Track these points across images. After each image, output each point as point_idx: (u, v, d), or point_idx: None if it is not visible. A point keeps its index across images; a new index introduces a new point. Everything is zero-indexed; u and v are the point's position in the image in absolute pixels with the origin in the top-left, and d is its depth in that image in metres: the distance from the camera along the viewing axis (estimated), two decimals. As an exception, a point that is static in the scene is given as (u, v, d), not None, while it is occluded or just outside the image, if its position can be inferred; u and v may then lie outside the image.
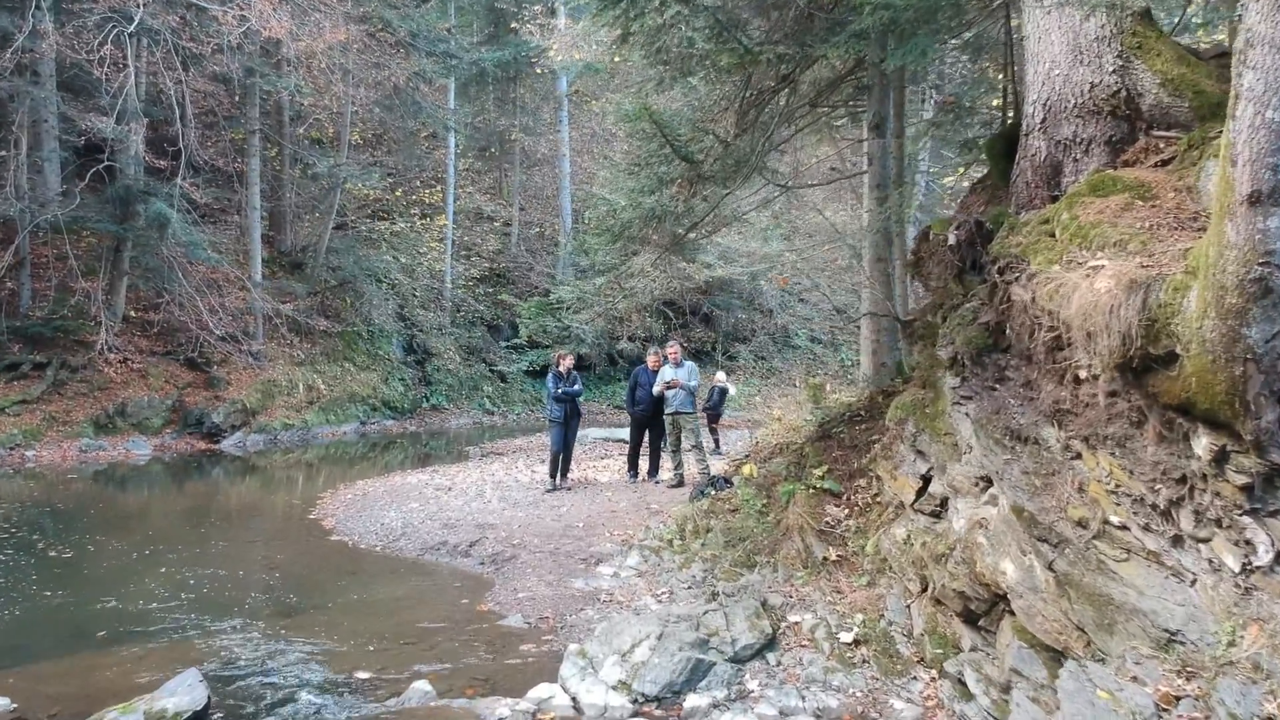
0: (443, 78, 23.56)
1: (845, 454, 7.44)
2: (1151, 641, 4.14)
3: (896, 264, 8.28)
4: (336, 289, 22.70)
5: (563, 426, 11.41)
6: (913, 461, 6.01)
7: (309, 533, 10.35)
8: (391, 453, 19.28)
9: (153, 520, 11.68)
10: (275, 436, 19.54)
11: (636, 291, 7.98)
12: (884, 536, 6.27)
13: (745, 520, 8.02)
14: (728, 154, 6.50)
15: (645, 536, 8.80)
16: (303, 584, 8.24)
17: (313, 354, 21.70)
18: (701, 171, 6.58)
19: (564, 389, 11.37)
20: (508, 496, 11.10)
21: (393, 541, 9.54)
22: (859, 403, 7.88)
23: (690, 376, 11.20)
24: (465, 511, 10.34)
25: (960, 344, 5.36)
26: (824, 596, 6.17)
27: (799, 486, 7.24)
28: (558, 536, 9.11)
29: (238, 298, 20.22)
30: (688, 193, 6.72)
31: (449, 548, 9.09)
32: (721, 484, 9.89)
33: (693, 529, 8.49)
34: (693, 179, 6.65)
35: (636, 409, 11.79)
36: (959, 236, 5.41)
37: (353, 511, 11.00)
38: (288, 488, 14.20)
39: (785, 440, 10.89)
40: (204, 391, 19.44)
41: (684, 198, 6.78)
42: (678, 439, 11.30)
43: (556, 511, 10.18)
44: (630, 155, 7.26)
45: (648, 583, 7.53)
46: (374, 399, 22.48)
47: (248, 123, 20.59)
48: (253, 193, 20.40)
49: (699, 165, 6.50)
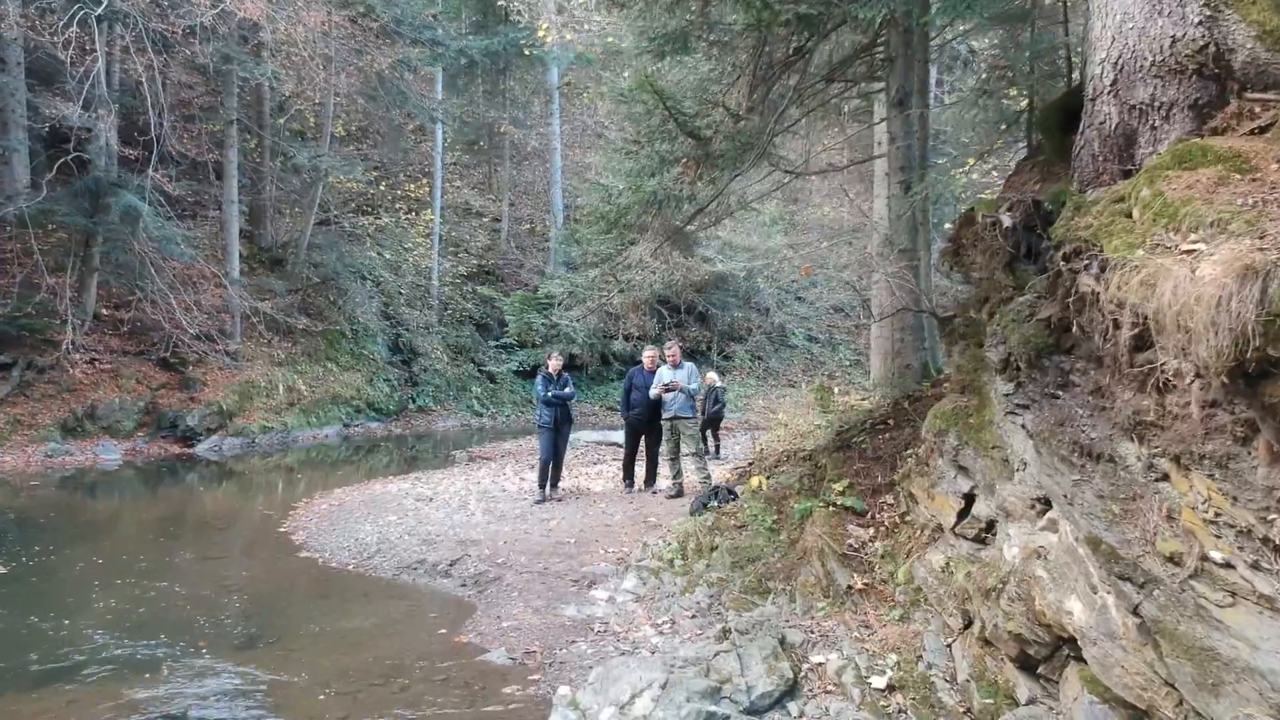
0: (429, 66, 22.69)
1: (867, 466, 6.68)
2: (1273, 709, 3.39)
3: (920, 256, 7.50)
4: (319, 286, 21.85)
5: (553, 432, 10.62)
6: (953, 479, 5.23)
7: (277, 548, 9.53)
8: (375, 457, 18.46)
9: (113, 531, 10.87)
10: (253, 440, 18.70)
11: (634, 285, 7.21)
12: (918, 563, 5.51)
13: (754, 539, 7.25)
14: (739, 131, 5.72)
15: (643, 555, 8.02)
16: (264, 609, 7.44)
17: (293, 354, 20.85)
18: (709, 150, 5.81)
19: (554, 392, 10.58)
20: (493, 508, 10.29)
21: (366, 559, 8.73)
22: (881, 409, 7.12)
23: (690, 378, 10.42)
24: (447, 525, 9.54)
25: (1015, 344, 4.59)
26: (850, 632, 5.39)
27: (816, 504, 6.47)
28: (547, 554, 8.32)
29: (214, 295, 19.36)
30: (694, 174, 5.95)
31: (427, 567, 8.30)
32: (725, 495, 9.11)
33: (695, 547, 7.71)
34: (699, 159, 5.88)
35: (632, 413, 11.00)
36: (1013, 219, 4.64)
37: (326, 524, 10.19)
38: (261, 496, 13.37)
39: (792, 447, 10.13)
40: (178, 393, 18.58)
41: (690, 179, 6.01)
42: (676, 446, 10.51)
43: (546, 525, 9.39)
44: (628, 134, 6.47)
45: (647, 610, 6.75)
46: (358, 400, 21.65)
47: (225, 113, 19.74)
48: (230, 186, 19.54)
49: (707, 143, 5.73)
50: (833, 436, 7.18)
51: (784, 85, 6.81)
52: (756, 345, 28.40)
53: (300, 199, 22.16)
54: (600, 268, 7.73)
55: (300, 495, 12.66)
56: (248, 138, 21.75)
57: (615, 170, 6.99)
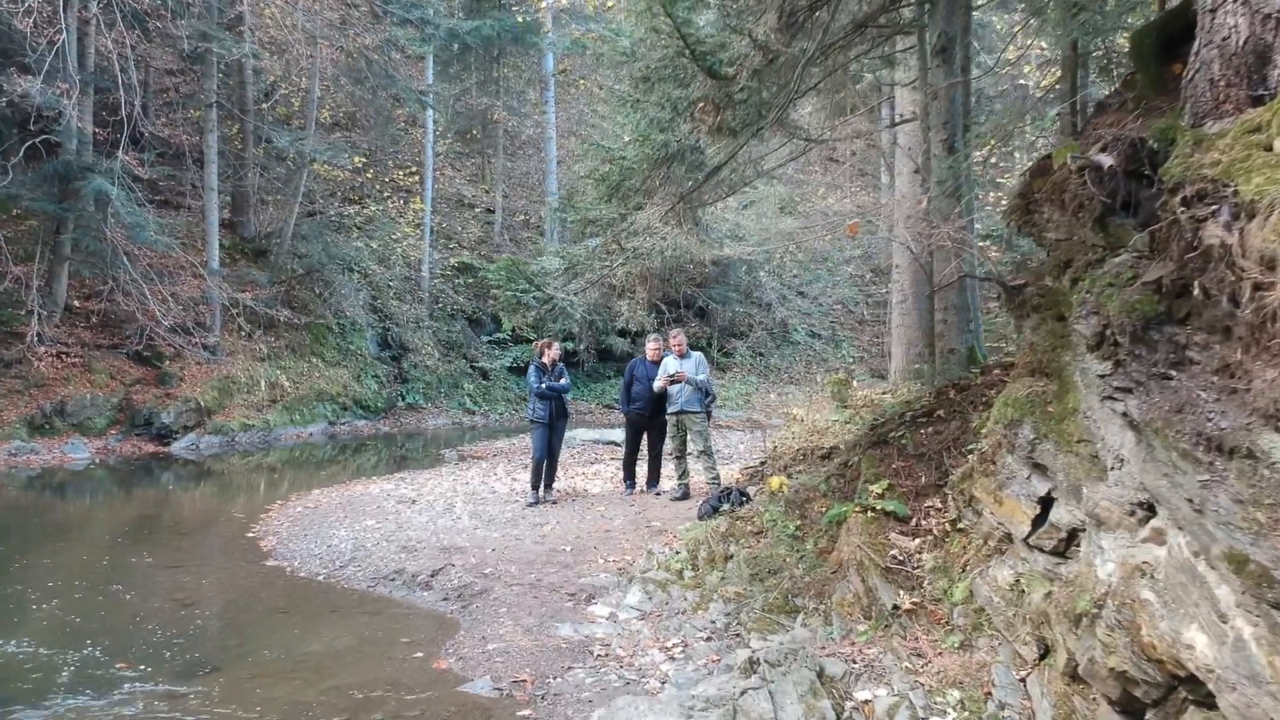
0: (417, 47, 21.75)
1: (908, 465, 5.81)
2: None
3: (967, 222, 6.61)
4: (303, 278, 20.92)
5: (547, 428, 9.74)
6: (1026, 479, 4.36)
7: (243, 555, 8.64)
8: (363, 456, 17.56)
9: (72, 533, 9.99)
10: (233, 438, 17.77)
11: (641, 253, 6.37)
12: (980, 579, 4.64)
13: (775, 547, 6.38)
14: (769, 68, 4.82)
15: (648, 565, 7.15)
16: (219, 627, 6.55)
17: (276, 348, 19.92)
18: (731, 92, 4.92)
19: (549, 384, 9.70)
20: (481, 512, 9.40)
21: (339, 568, 7.85)
22: (922, 400, 6.24)
23: (698, 369, 9.53)
24: (430, 531, 8.65)
25: (1113, 314, 3.73)
26: (901, 662, 4.52)
27: (851, 508, 5.60)
28: (540, 564, 7.44)
29: (192, 286, 18.43)
30: (712, 120, 5.07)
31: (406, 578, 7.41)
32: (736, 498, 8.25)
33: (707, 557, 6.84)
34: (719, 102, 5.00)
35: (633, 408, 10.10)
36: (1114, 161, 3.77)
37: (298, 530, 9.30)
38: (234, 498, 12.46)
39: (809, 444, 9.28)
40: (154, 389, 17.66)
41: (707, 126, 5.13)
42: (683, 443, 9.63)
43: (539, 531, 8.50)
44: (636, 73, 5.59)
45: (654, 629, 5.87)
46: (344, 397, 20.71)
47: (204, 95, 18.82)
48: (209, 172, 18.62)
49: (728, 83, 4.85)
50: (866, 431, 6.29)
51: (809, 32, 5.94)
52: (758, 341, 27.55)
53: (284, 187, 21.24)
54: (602, 234, 6.85)
55: (278, 496, 11.76)
56: (229, 124, 20.83)
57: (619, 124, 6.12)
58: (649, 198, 6.14)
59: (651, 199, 6.11)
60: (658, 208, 6.06)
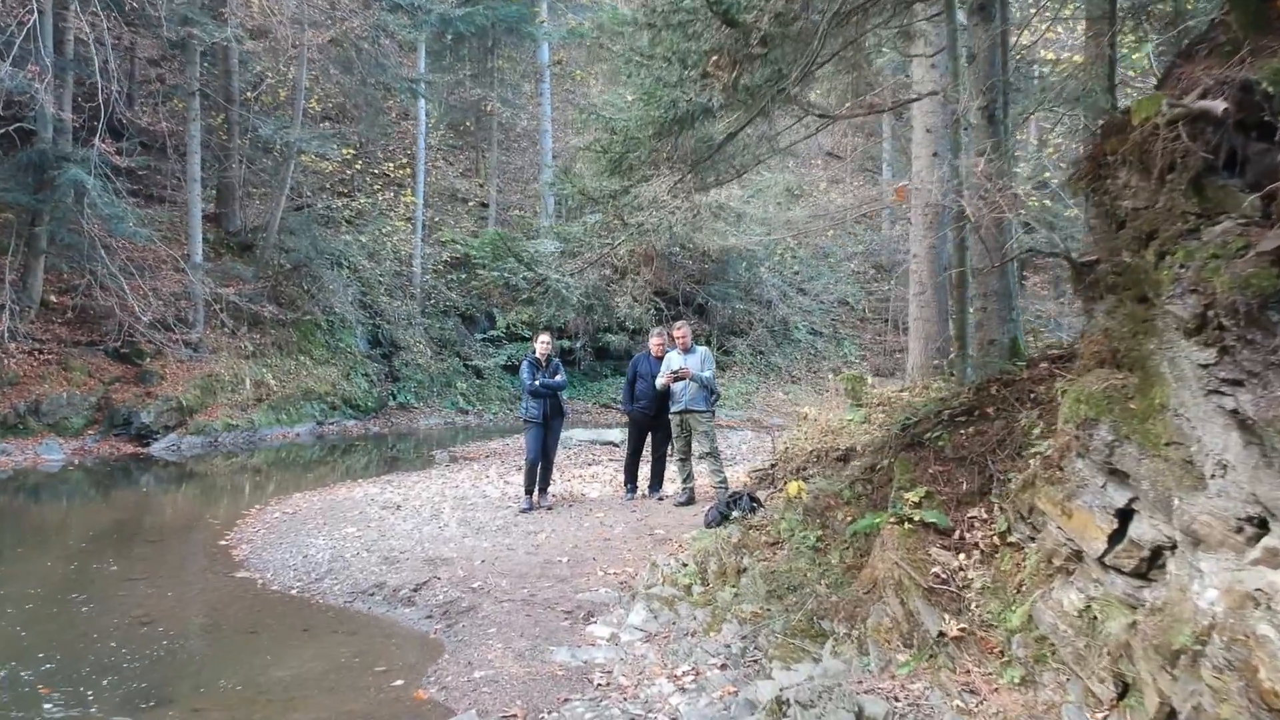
0: (409, 34, 21.06)
1: (947, 470, 5.17)
2: None
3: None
4: (290, 273, 20.24)
5: (541, 428, 9.10)
6: (1101, 488, 3.73)
7: (213, 565, 7.99)
8: (351, 457, 16.90)
9: (35, 540, 9.33)
10: (215, 439, 17.10)
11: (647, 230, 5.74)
12: (1043, 603, 4.01)
13: (794, 560, 5.76)
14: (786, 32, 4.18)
15: (652, 578, 6.51)
16: (177, 649, 5.91)
17: (263, 345, 19.24)
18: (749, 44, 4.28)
19: (542, 380, 9.06)
20: (471, 519, 8.74)
21: (315, 581, 7.20)
22: (960, 397, 5.61)
23: (704, 365, 8.89)
24: (414, 539, 7.99)
25: (1223, 290, 3.10)
26: (951, 699, 3.89)
27: (884, 519, 4.97)
28: (534, 577, 6.80)
29: (173, 281, 17.76)
30: (728, 75, 4.43)
31: (387, 592, 6.76)
32: (746, 504, 7.62)
33: (718, 570, 6.20)
34: (736, 55, 4.36)
35: (636, 406, 9.45)
36: (1228, 106, 3.14)
37: (274, 537, 8.66)
38: (212, 502, 11.79)
39: (822, 445, 8.65)
40: (134, 387, 16.96)
41: (723, 81, 4.48)
42: (687, 444, 8.99)
43: (533, 540, 7.86)
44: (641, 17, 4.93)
45: (661, 654, 5.24)
46: (333, 396, 20.03)
47: (186, 83, 18.13)
48: (192, 163, 17.94)
49: (746, 32, 4.22)
50: (897, 432, 5.66)
51: None
52: (758, 339, 26.91)
53: (271, 180, 20.55)
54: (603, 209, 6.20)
55: (256, 500, 11.12)
56: (214, 114, 20.15)
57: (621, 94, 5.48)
58: (655, 169, 5.51)
59: (657, 170, 5.48)
60: (665, 180, 5.44)
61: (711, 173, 5.62)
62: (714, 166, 5.54)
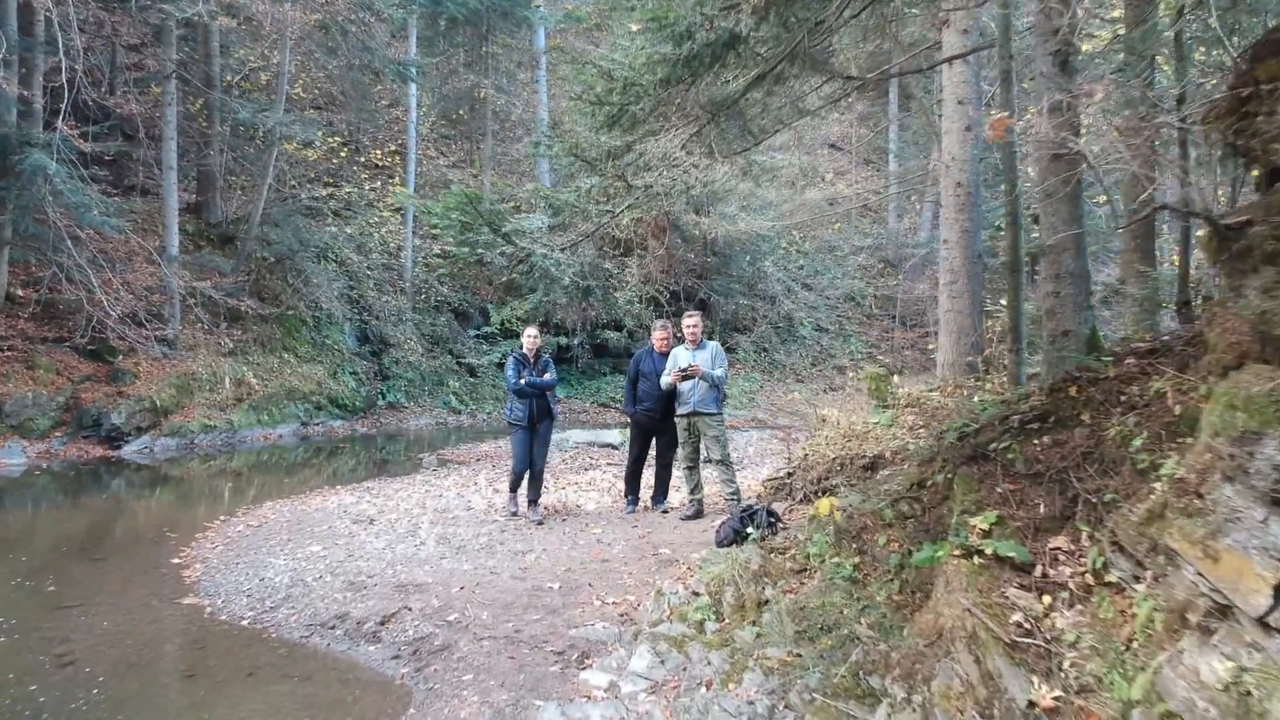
0: (397, 13, 20.08)
1: (1019, 488, 4.24)
2: None
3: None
4: (274, 266, 19.28)
5: (527, 432, 8.18)
6: (1261, 523, 2.81)
7: (160, 589, 7.06)
8: (338, 460, 15.95)
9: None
10: (191, 441, 16.15)
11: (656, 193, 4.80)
12: (1172, 671, 3.08)
13: (827, 594, 4.84)
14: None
15: (657, 610, 5.58)
16: (98, 698, 4.98)
17: (243, 342, 18.29)
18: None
19: (529, 379, 8.13)
20: (451, 535, 7.79)
21: (269, 610, 6.27)
22: (1030, 400, 4.67)
23: (715, 361, 7.96)
24: (385, 561, 7.05)
25: None
26: (1055, 800, 2.97)
27: (946, 549, 4.04)
28: (520, 608, 5.86)
29: (148, 274, 16.82)
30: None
31: (349, 625, 5.83)
32: (763, 519, 6.70)
33: (735, 602, 5.28)
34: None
35: (640, 409, 8.51)
36: None
37: (232, 555, 7.72)
38: (176, 511, 10.85)
39: (846, 452, 7.73)
40: (105, 386, 16.01)
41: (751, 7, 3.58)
42: (696, 451, 8.05)
43: (520, 561, 6.91)
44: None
45: (669, 711, 4.32)
46: (318, 396, 19.08)
47: (162, 65, 17.17)
48: (167, 149, 16.98)
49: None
50: (954, 441, 4.72)
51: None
52: (762, 336, 26.01)
53: (253, 168, 19.59)
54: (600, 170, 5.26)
55: (224, 510, 10.18)
56: (193, 100, 19.19)
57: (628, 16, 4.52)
58: (664, 121, 4.60)
59: (667, 122, 4.57)
60: (679, 132, 4.53)
61: (735, 124, 4.66)
62: (739, 115, 4.58)
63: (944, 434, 4.99)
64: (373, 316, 21.22)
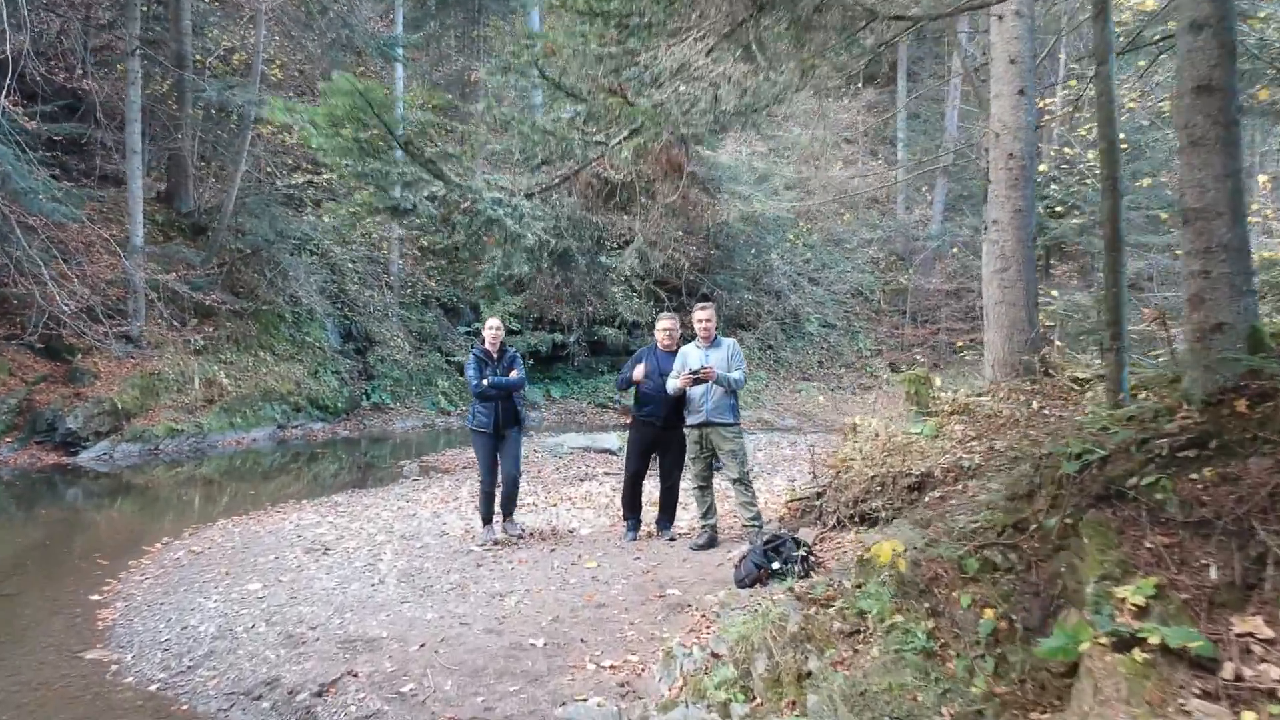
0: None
1: (1176, 543, 3.04)
2: None
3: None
4: (249, 258, 18.05)
5: (491, 439, 6.99)
6: None
7: (65, 637, 5.85)
8: (319, 465, 14.79)
9: None
10: (156, 446, 14.92)
11: (668, 114, 3.60)
12: None
13: (893, 672, 3.66)
14: None
15: (667, 677, 4.39)
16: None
17: (215, 340, 17.04)
18: None
19: (492, 379, 6.91)
20: (417, 571, 6.52)
21: (186, 670, 5.06)
22: (1178, 419, 3.46)
23: (732, 362, 6.73)
24: (334, 605, 5.81)
25: None
26: None
27: (1085, 633, 2.84)
28: (493, 674, 4.65)
29: (110, 266, 15.60)
30: None
31: (279, 696, 4.62)
32: (791, 551, 5.51)
33: (769, 675, 4.09)
34: None
35: (640, 412, 7.22)
36: None
37: (161, 592, 6.51)
38: (120, 529, 9.64)
39: (887, 470, 6.54)
40: (62, 388, 14.79)
41: None
42: (709, 467, 6.82)
43: (497, 607, 5.67)
44: None
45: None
46: (297, 397, 17.83)
47: (126, 41, 15.94)
48: (131, 132, 15.73)
49: None
50: (1074, 471, 3.51)
51: None
52: (767, 333, 24.83)
53: (226, 153, 18.34)
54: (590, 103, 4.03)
55: (172, 528, 8.98)
56: (162, 80, 17.96)
57: None
58: (683, 20, 3.43)
59: (685, 23, 3.42)
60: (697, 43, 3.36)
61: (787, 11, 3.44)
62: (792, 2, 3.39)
63: (1046, 459, 3.79)
64: (356, 312, 20.01)
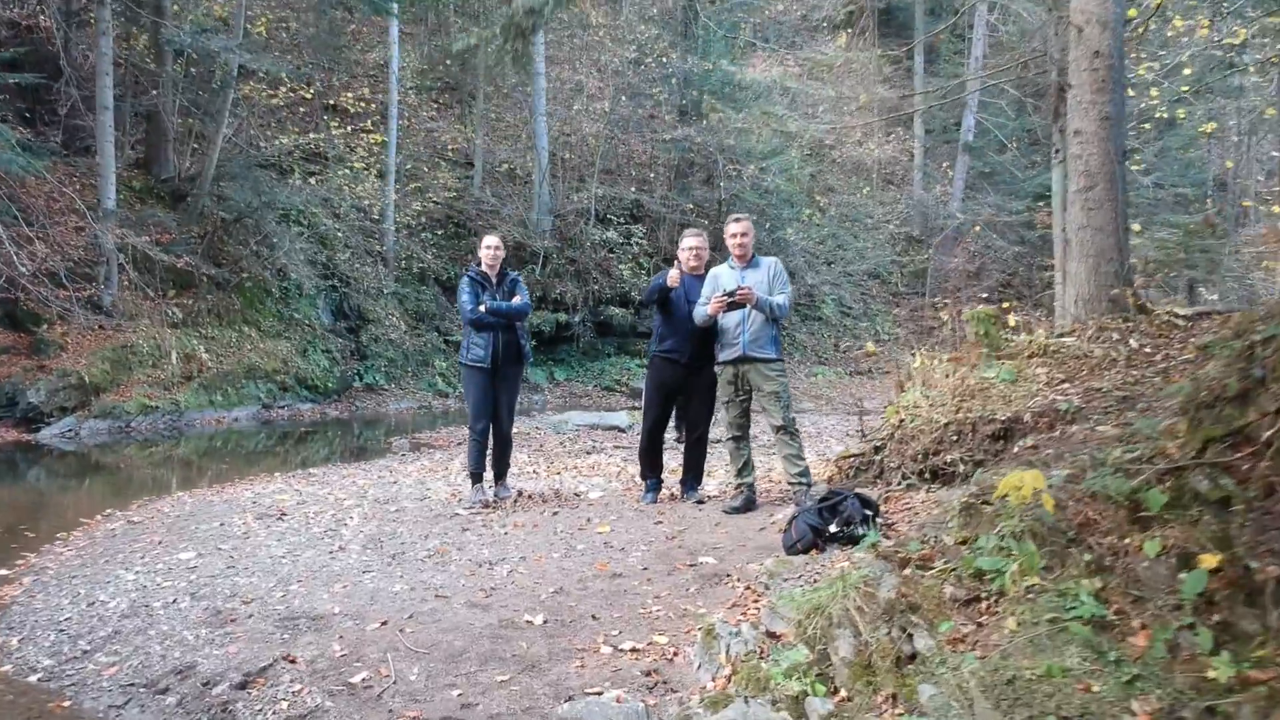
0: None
1: None
2: None
3: None
4: (232, 227, 16.87)
5: (488, 376, 5.83)
6: None
7: (-47, 617, 4.70)
8: (307, 447, 13.62)
9: None
10: (127, 424, 13.75)
11: None
12: None
13: (1048, 653, 2.48)
14: None
15: (708, 664, 3.21)
16: None
17: (195, 312, 15.89)
18: None
19: (490, 303, 5.75)
20: (387, 536, 5.33)
21: (79, 656, 3.89)
22: None
23: (775, 284, 5.55)
24: (279, 575, 4.62)
25: None
26: None
27: None
28: (476, 658, 3.46)
29: (78, 231, 14.47)
30: None
31: (189, 689, 3.44)
32: (856, 512, 4.35)
33: (857, 659, 2.91)
34: None
35: (659, 348, 5.99)
36: None
37: (78, 565, 5.34)
38: (62, 505, 8.50)
39: (965, 416, 5.38)
40: (25, 360, 13.66)
41: None
42: (745, 414, 5.64)
43: (485, 577, 4.48)
44: None
45: None
46: (284, 375, 16.65)
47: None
48: (102, 86, 14.59)
49: None
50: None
51: None
52: (781, 314, 23.61)
53: (208, 115, 17.16)
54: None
55: (119, 504, 7.83)
56: (138, 36, 16.82)
57: None
58: None
59: None
60: None
61: None
62: None
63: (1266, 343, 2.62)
64: (349, 288, 18.84)
